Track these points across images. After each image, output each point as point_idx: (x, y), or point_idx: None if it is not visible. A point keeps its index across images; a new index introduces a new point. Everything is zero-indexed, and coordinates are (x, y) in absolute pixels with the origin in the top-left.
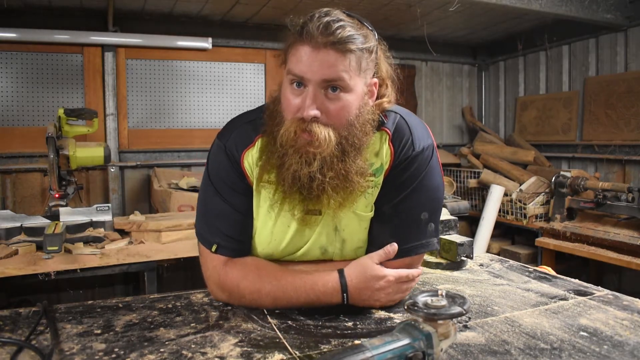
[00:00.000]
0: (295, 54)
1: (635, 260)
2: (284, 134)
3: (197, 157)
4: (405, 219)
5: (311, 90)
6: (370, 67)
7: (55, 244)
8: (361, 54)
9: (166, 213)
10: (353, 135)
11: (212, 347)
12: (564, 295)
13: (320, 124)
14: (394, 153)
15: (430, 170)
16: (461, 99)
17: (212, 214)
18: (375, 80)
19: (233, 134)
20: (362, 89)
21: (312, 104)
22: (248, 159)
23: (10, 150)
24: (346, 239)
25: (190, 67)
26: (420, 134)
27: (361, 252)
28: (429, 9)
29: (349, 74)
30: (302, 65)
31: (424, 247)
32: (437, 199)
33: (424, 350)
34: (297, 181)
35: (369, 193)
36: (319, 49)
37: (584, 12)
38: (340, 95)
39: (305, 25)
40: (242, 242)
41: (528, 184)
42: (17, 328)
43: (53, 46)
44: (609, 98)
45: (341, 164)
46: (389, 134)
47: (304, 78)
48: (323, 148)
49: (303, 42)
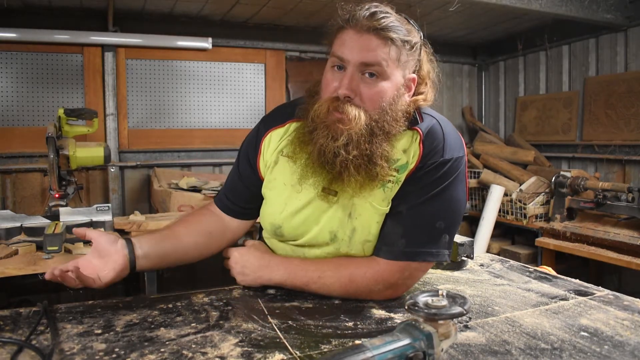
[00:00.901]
0: (340, 38)
1: (635, 260)
2: (317, 109)
3: (197, 157)
4: (420, 223)
5: (349, 72)
6: (410, 62)
7: (55, 244)
8: (402, 45)
9: (166, 213)
10: (383, 120)
11: (212, 347)
12: (565, 295)
13: (352, 104)
14: (422, 154)
15: (455, 182)
16: (461, 99)
17: (229, 178)
18: (414, 76)
19: (272, 114)
20: (399, 80)
21: (348, 84)
22: (271, 137)
23: (10, 150)
24: (357, 227)
25: (190, 67)
26: (453, 143)
27: (368, 247)
28: (429, 9)
29: (387, 62)
30: (345, 48)
31: (433, 256)
32: (457, 211)
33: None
34: (322, 156)
35: (389, 187)
36: (362, 33)
37: (584, 12)
38: (377, 81)
39: (354, 11)
40: (234, 203)
41: (528, 184)
42: (17, 328)
43: (53, 46)
44: (609, 98)
45: (367, 144)
46: (421, 135)
47: (344, 59)
48: (351, 126)
49: (349, 26)
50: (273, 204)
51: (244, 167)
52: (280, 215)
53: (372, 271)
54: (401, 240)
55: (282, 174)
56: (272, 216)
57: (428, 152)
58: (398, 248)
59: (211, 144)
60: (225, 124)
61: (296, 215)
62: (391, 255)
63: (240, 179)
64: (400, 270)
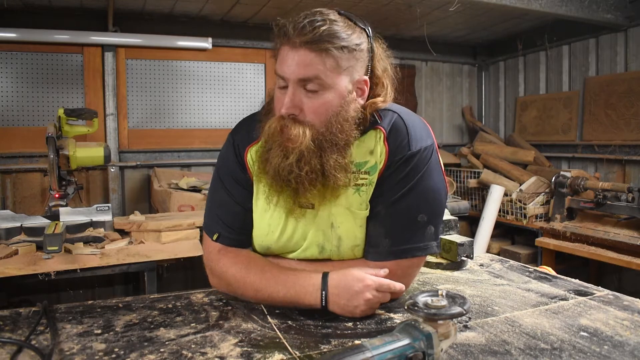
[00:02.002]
0: (279, 55)
1: (635, 260)
2: (267, 130)
3: (197, 157)
4: (401, 220)
5: (290, 90)
6: (355, 65)
7: (55, 244)
8: (340, 52)
9: (166, 213)
10: (331, 132)
11: (212, 347)
12: (564, 295)
13: (297, 121)
14: (388, 152)
15: (428, 172)
16: (461, 99)
17: (216, 204)
18: (365, 78)
19: (242, 129)
20: (344, 86)
21: (289, 102)
22: (251, 153)
23: (10, 150)
24: (342, 236)
25: (190, 67)
26: (419, 134)
27: (358, 251)
28: (429, 9)
29: (325, 73)
30: (283, 65)
31: (421, 250)
32: (436, 200)
33: (424, 350)
34: (278, 174)
35: (363, 191)
36: (296, 48)
37: (584, 12)
38: (319, 94)
39: (284, 27)
40: (241, 233)
41: (528, 184)
42: (17, 328)
43: (53, 46)
44: (609, 98)
45: (317, 159)
46: (384, 133)
47: (284, 78)
48: (298, 143)
49: (284, 42)
50: (258, 226)
51: (238, 192)
52: (267, 238)
53: None
54: (385, 241)
55: (262, 193)
56: (260, 238)
57: (394, 148)
58: (384, 249)
59: (211, 144)
60: (225, 124)
61: (281, 236)
62: (379, 256)
63: (238, 205)
64: (392, 271)
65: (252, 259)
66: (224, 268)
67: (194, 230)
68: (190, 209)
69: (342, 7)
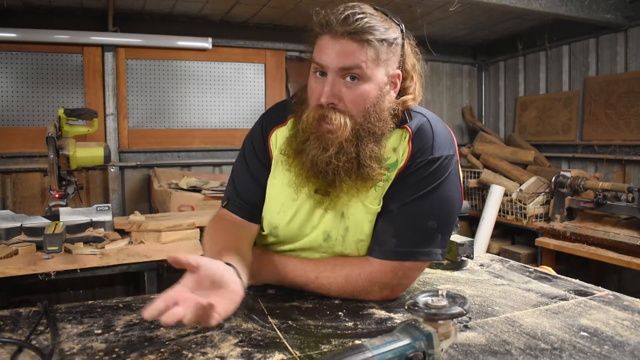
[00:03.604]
0: (318, 44)
1: (635, 260)
2: (305, 120)
3: (197, 157)
4: (411, 222)
5: (330, 78)
6: (391, 59)
7: (55, 244)
8: (380, 44)
9: (166, 213)
10: (368, 122)
11: (212, 347)
12: (565, 295)
13: (337, 110)
14: (410, 152)
15: (446, 181)
16: (461, 99)
17: (235, 174)
18: (399, 72)
19: (272, 112)
20: (382, 79)
21: (329, 91)
22: (277, 134)
23: (10, 150)
24: (350, 227)
25: (190, 67)
26: (444, 141)
27: (362, 246)
28: (429, 9)
29: (366, 63)
30: (323, 54)
31: (425, 255)
32: (449, 211)
33: (425, 350)
34: (315, 166)
35: (380, 186)
36: (338, 38)
37: (584, 12)
38: (358, 84)
39: (327, 17)
40: (247, 204)
41: (528, 184)
42: (17, 328)
43: (53, 46)
44: (609, 98)
45: (354, 148)
46: (410, 133)
47: (323, 66)
48: (339, 134)
49: (324, 32)
50: (271, 202)
51: (256, 167)
52: (277, 216)
53: (366, 272)
54: (392, 240)
55: (282, 175)
56: (269, 214)
57: (417, 150)
58: (389, 247)
59: (211, 144)
60: (225, 124)
61: (292, 220)
62: (383, 254)
63: (254, 179)
64: (393, 270)
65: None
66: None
67: (194, 230)
68: (190, 209)
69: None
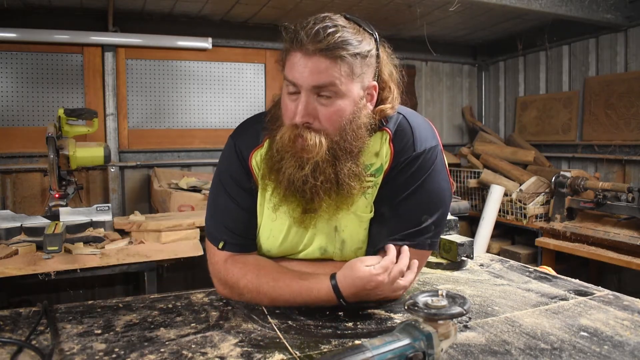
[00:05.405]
0: (289, 60)
1: (635, 260)
2: (279, 140)
3: (197, 157)
4: (405, 221)
5: (303, 97)
6: (366, 72)
7: (55, 244)
8: (354, 59)
9: (166, 213)
10: (345, 140)
11: (212, 347)
12: (565, 295)
13: (312, 129)
14: (393, 153)
15: (433, 173)
16: (461, 98)
17: (219, 211)
18: (375, 83)
19: (244, 134)
20: (357, 93)
21: (303, 110)
22: (256, 158)
23: (10, 150)
24: (346, 239)
25: (190, 67)
26: (424, 135)
27: (361, 253)
28: (429, 9)
29: (340, 80)
30: (295, 72)
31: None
32: (440, 202)
33: (425, 350)
34: (292, 185)
35: (369, 193)
36: (310, 55)
37: (584, 12)
38: (333, 101)
39: (297, 32)
40: (247, 238)
41: (528, 184)
42: (17, 328)
43: (53, 46)
44: (609, 98)
45: (331, 168)
46: (390, 134)
47: (296, 84)
48: (314, 153)
49: (295, 49)
50: (262, 230)
51: (242, 198)
52: (268, 241)
53: None
54: (387, 240)
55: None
56: (259, 241)
57: (399, 149)
58: None
59: (211, 144)
60: (225, 124)
61: (280, 238)
62: None
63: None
64: None
65: (261, 267)
66: (234, 279)
67: (194, 230)
68: (190, 209)
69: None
